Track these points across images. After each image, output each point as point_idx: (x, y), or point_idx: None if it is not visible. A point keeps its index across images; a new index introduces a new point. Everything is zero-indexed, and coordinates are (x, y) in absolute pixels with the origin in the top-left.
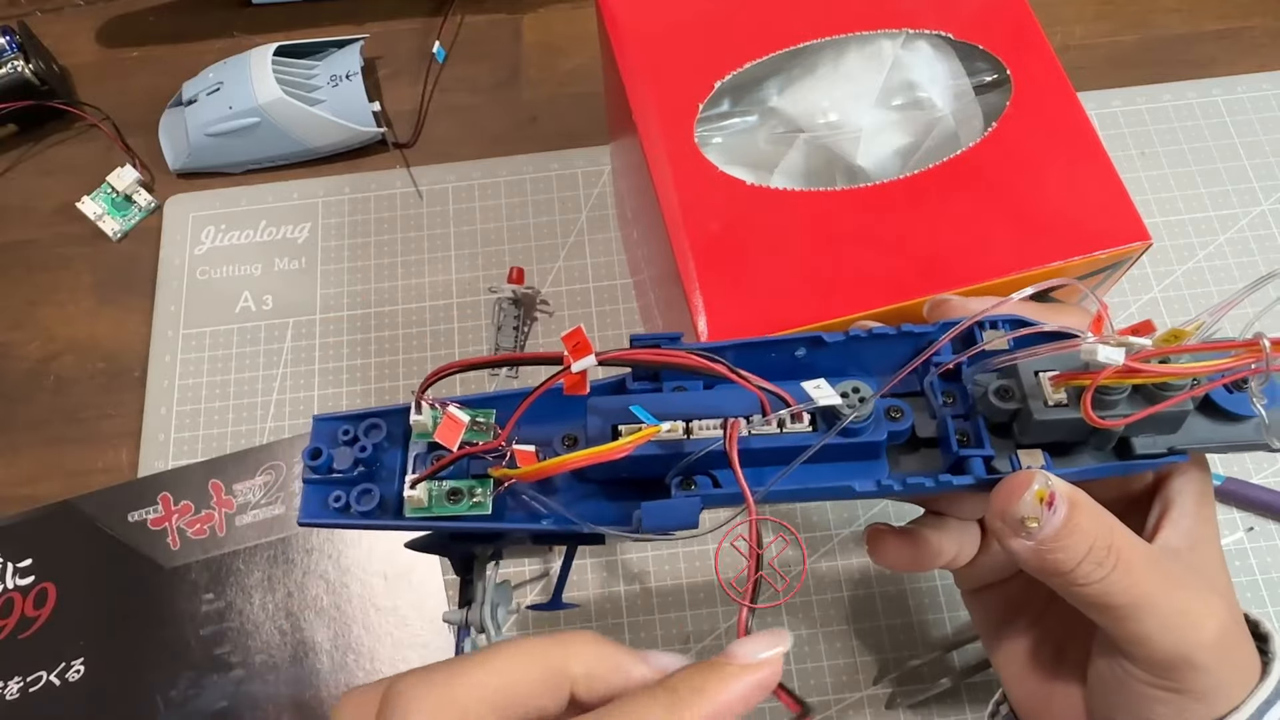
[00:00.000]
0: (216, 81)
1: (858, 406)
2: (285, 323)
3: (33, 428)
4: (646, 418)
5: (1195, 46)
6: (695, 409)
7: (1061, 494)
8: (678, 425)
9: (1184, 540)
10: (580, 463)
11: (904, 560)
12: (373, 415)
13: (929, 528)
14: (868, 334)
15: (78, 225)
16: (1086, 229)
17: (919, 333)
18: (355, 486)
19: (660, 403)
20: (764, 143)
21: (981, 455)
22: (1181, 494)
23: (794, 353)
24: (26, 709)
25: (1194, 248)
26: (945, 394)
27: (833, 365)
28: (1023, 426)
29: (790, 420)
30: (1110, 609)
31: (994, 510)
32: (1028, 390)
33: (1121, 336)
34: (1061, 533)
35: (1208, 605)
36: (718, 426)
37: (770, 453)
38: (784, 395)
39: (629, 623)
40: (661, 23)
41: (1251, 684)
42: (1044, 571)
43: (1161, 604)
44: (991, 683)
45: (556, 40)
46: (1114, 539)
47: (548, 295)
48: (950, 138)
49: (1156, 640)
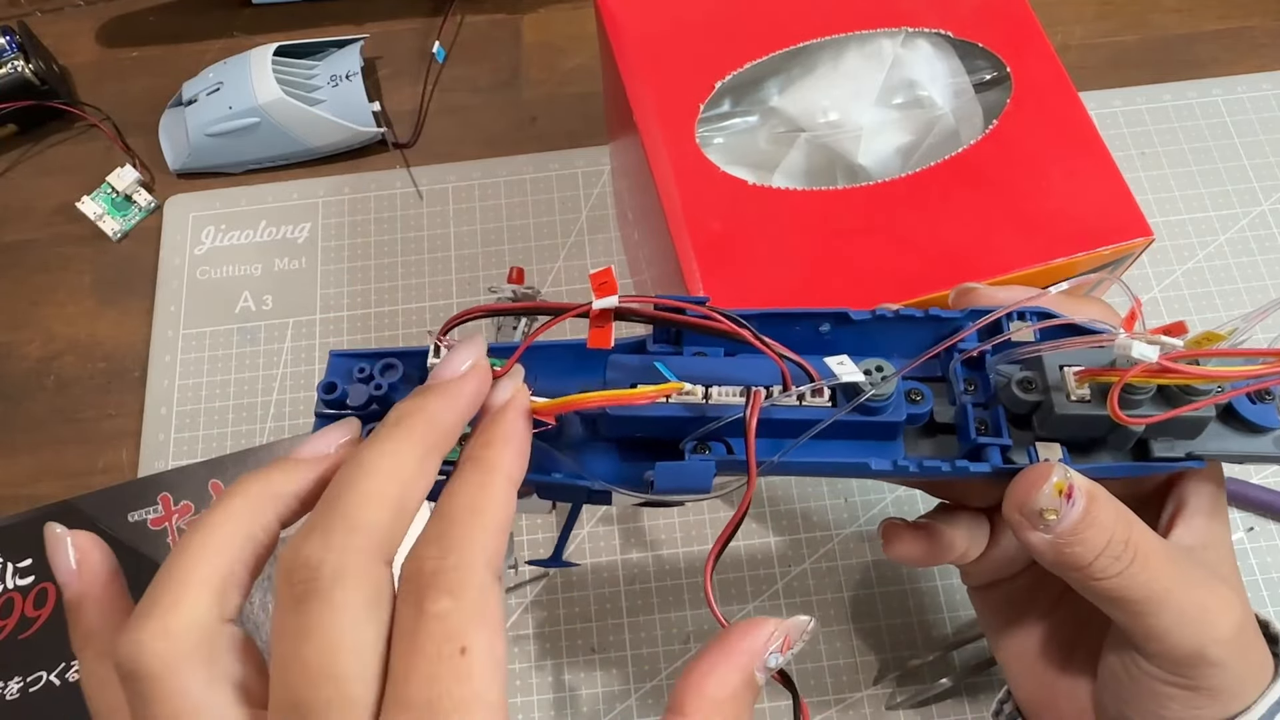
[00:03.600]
0: (216, 81)
1: (879, 385)
2: (285, 323)
3: (33, 428)
4: (668, 374)
5: (1195, 46)
6: (716, 375)
7: (1080, 487)
8: (697, 389)
9: (1197, 538)
10: (597, 402)
11: (918, 553)
12: (390, 355)
13: (944, 519)
14: (894, 314)
15: (78, 225)
16: (1088, 225)
17: (946, 318)
18: (367, 424)
19: (681, 365)
20: (765, 142)
21: (999, 444)
22: (1195, 494)
23: (818, 328)
24: (26, 709)
25: (1194, 248)
26: (967, 381)
27: (856, 344)
28: (1043, 419)
29: (811, 395)
30: (1127, 603)
31: (1012, 502)
32: (1051, 383)
33: (1155, 335)
34: (1080, 526)
35: (1224, 601)
36: (738, 394)
37: (789, 425)
38: (808, 367)
39: (629, 623)
40: (661, 23)
41: (1264, 683)
42: (1061, 565)
43: (1179, 599)
44: (993, 683)
45: (556, 40)
46: (1132, 533)
47: (548, 295)
48: (951, 136)
49: (1173, 635)
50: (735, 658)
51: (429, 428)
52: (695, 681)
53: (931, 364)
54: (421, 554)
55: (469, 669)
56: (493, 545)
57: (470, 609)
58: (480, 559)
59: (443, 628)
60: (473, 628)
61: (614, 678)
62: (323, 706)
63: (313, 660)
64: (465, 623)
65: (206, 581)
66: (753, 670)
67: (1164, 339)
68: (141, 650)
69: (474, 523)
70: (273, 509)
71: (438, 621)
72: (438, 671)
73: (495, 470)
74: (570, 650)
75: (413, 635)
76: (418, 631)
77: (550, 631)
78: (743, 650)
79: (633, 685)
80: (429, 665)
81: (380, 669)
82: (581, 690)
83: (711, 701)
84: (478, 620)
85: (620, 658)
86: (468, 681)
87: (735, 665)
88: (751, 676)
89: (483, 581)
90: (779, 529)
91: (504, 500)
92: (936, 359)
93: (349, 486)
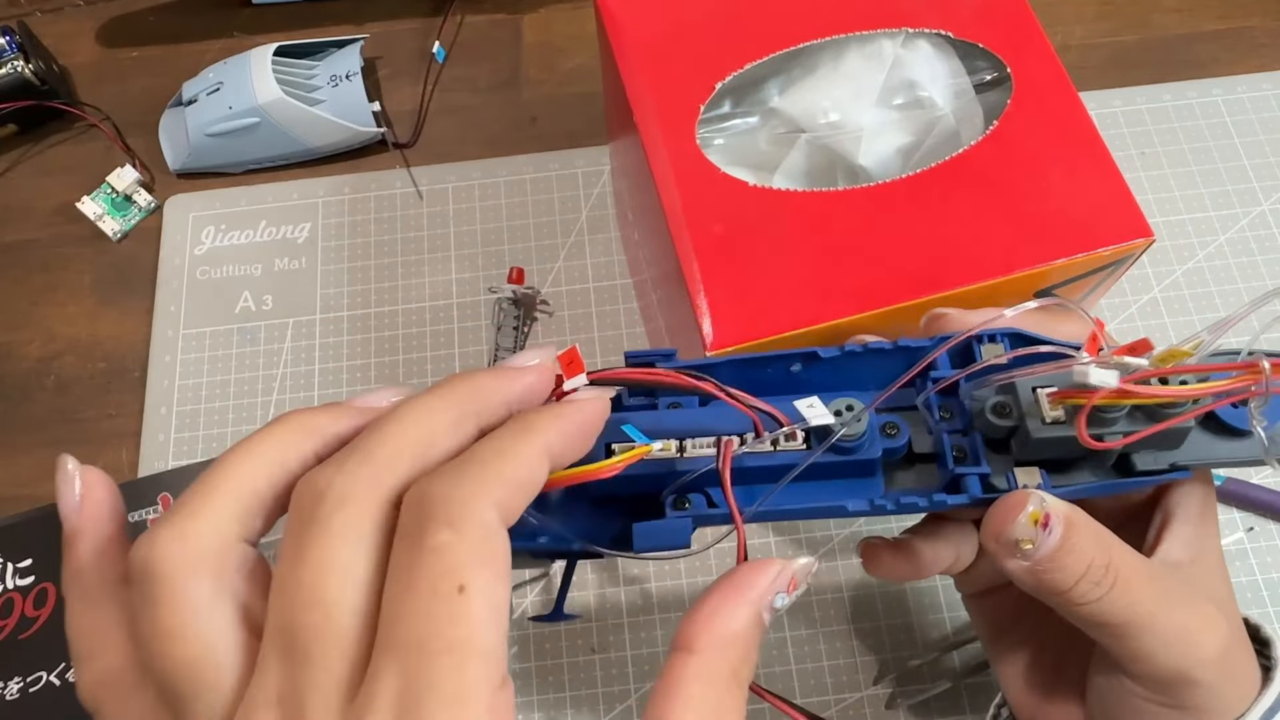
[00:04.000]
0: (216, 81)
1: (851, 424)
2: (285, 323)
3: (33, 428)
4: (637, 436)
5: (1195, 46)
6: (688, 427)
7: (1057, 514)
8: (671, 444)
9: (1185, 552)
10: (569, 480)
11: (899, 572)
12: None
13: (922, 538)
14: (864, 348)
15: (78, 225)
16: (1089, 226)
17: (915, 347)
18: None
19: (654, 420)
20: (765, 143)
21: (978, 473)
22: (1183, 505)
23: (789, 368)
24: (26, 709)
25: (1194, 248)
26: (942, 409)
27: (829, 380)
28: (1020, 444)
29: (784, 439)
30: (1109, 627)
31: (988, 532)
32: (1025, 408)
33: (1117, 356)
34: (1058, 553)
35: (1209, 621)
36: (710, 445)
37: (763, 471)
38: (776, 414)
39: (629, 623)
40: (661, 23)
41: (1252, 695)
42: (1040, 591)
43: (1162, 622)
44: (992, 683)
45: (556, 40)
46: (1112, 557)
47: (548, 295)
48: (951, 136)
49: (1157, 658)
50: (744, 592)
51: (471, 393)
52: (704, 618)
53: (908, 394)
54: (429, 482)
55: (466, 610)
56: (508, 493)
57: (472, 544)
58: (491, 497)
59: (440, 563)
60: (473, 565)
61: (614, 678)
62: (310, 632)
63: (305, 582)
64: (465, 559)
65: (231, 494)
66: (760, 608)
67: (1127, 360)
68: (154, 550)
69: (494, 462)
70: (310, 443)
71: (435, 555)
72: (431, 609)
73: (535, 431)
74: (570, 650)
75: (408, 569)
76: (414, 565)
77: (550, 632)
78: (751, 585)
79: (633, 685)
80: (422, 603)
81: (374, 604)
82: (582, 690)
83: (720, 637)
84: (479, 558)
85: (620, 658)
86: (464, 622)
87: (744, 600)
88: (759, 614)
89: (488, 521)
90: (779, 529)
91: (532, 457)
92: (912, 389)
93: (377, 428)
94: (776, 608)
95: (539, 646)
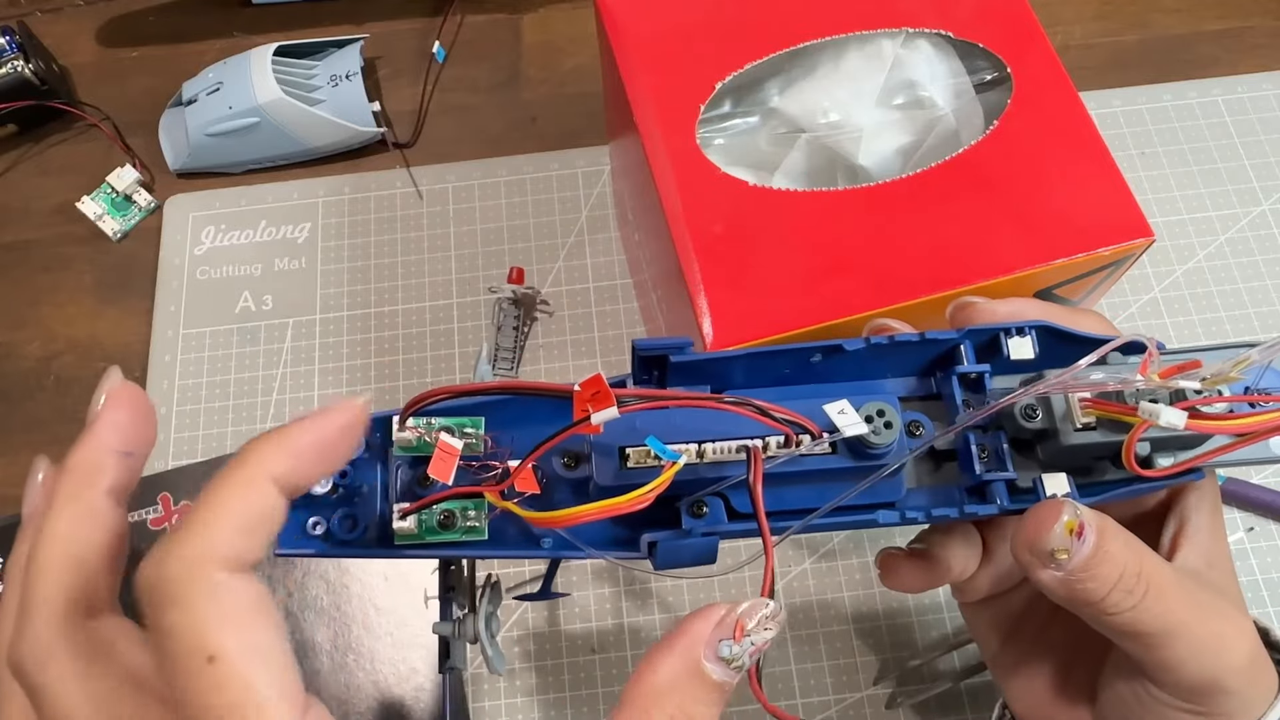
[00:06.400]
0: (216, 81)
1: (883, 433)
2: (285, 323)
3: (33, 428)
4: (662, 451)
5: (1195, 46)
6: (708, 430)
7: (1090, 522)
8: (690, 449)
9: (1203, 559)
10: (597, 515)
11: (919, 582)
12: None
13: (938, 544)
14: (889, 341)
15: (78, 225)
16: (1089, 226)
17: (943, 339)
18: (335, 510)
19: (665, 422)
20: (765, 143)
21: (1005, 479)
22: (1196, 510)
23: (809, 359)
24: None
25: (1194, 248)
26: (965, 403)
27: (851, 371)
28: (1049, 448)
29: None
30: (1141, 636)
31: (1022, 542)
32: (1057, 412)
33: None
34: (1091, 562)
35: (1239, 629)
36: (734, 450)
37: (787, 475)
38: (810, 426)
39: (629, 623)
40: (661, 23)
41: (1269, 698)
42: (1073, 601)
43: (1195, 629)
44: (992, 684)
45: (556, 40)
46: (1144, 564)
47: (548, 295)
48: (951, 136)
49: (1188, 666)
50: (677, 642)
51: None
52: (637, 673)
53: (927, 381)
54: (144, 564)
55: (223, 676)
56: (231, 536)
57: (203, 613)
58: (213, 554)
59: (181, 642)
60: (212, 630)
61: (614, 678)
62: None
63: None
64: (202, 628)
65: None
66: (698, 658)
67: (1183, 384)
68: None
69: (206, 513)
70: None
71: (172, 639)
72: (195, 687)
73: (246, 464)
74: (570, 650)
75: (163, 655)
76: (163, 652)
77: (550, 632)
78: (683, 633)
79: None
80: (185, 681)
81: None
82: (582, 690)
83: (650, 693)
84: (216, 621)
85: (620, 658)
86: (227, 688)
87: (676, 650)
88: (697, 665)
89: (211, 579)
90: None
91: (248, 491)
92: (932, 377)
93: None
94: (724, 657)
95: (539, 646)
